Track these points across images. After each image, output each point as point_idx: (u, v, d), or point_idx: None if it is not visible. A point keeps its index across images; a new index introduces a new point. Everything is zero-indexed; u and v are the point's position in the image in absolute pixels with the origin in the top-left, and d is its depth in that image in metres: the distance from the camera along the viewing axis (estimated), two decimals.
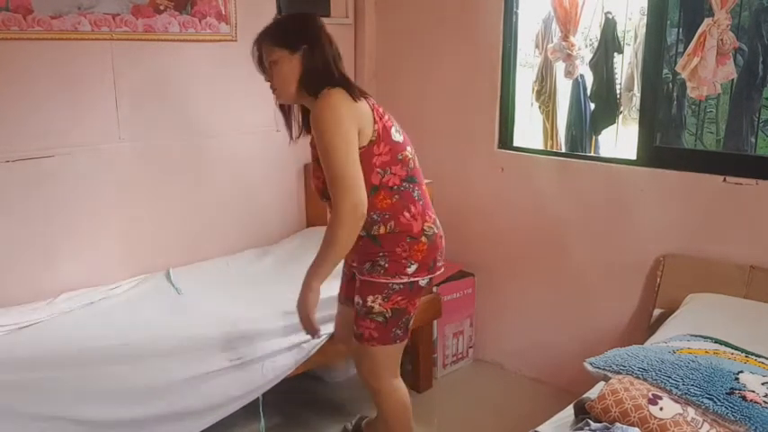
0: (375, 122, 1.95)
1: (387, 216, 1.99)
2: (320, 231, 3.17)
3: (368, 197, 1.91)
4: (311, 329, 2.02)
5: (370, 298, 2.04)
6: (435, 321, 3.04)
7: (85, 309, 2.39)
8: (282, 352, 2.36)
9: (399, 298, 2.04)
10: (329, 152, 1.87)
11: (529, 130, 4.43)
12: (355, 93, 1.94)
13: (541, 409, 2.07)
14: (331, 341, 2.52)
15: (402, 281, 2.02)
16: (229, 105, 2.98)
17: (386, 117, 2.02)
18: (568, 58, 3.16)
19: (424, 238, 2.02)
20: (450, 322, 3.17)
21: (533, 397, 2.98)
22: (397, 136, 2.02)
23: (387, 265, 2.01)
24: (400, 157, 2.00)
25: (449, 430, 2.80)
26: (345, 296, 2.29)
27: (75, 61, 2.47)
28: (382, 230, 2.00)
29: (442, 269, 2.14)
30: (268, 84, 2.05)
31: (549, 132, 4.30)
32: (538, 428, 1.70)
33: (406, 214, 2.00)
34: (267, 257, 2.97)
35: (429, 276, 2.08)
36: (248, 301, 2.48)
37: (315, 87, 1.94)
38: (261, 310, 2.42)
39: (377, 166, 1.96)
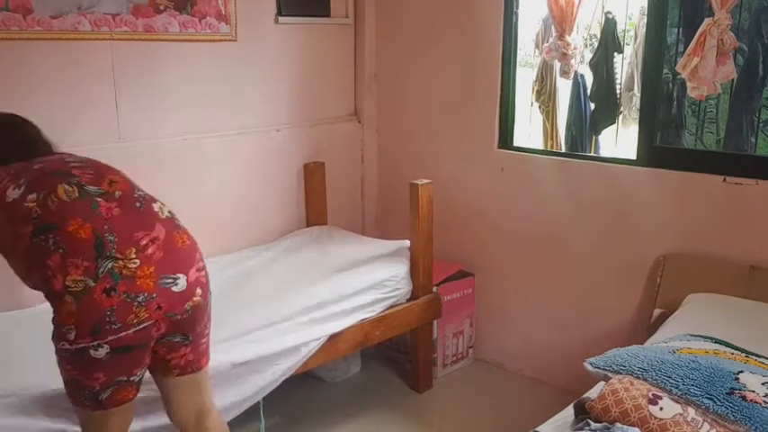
0: None
1: (38, 282, 1.65)
2: (318, 231, 3.21)
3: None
4: None
5: None
6: (435, 321, 3.04)
7: None
8: (282, 355, 2.36)
9: (69, 367, 1.64)
10: None
11: (529, 129, 4.44)
12: None
13: (541, 409, 2.07)
14: (330, 342, 2.53)
15: (65, 347, 1.60)
16: (229, 105, 2.98)
17: (8, 178, 1.69)
18: (564, 57, 3.16)
19: (68, 298, 1.57)
20: (450, 322, 3.17)
21: (533, 397, 2.98)
22: (13, 192, 1.66)
23: (53, 329, 1.63)
24: (21, 215, 1.63)
25: (449, 430, 2.80)
26: None
27: (75, 61, 2.47)
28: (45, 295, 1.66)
29: (131, 331, 1.60)
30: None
31: (549, 132, 4.30)
32: (538, 428, 1.70)
33: (48, 272, 1.60)
34: (267, 257, 2.96)
35: (101, 343, 1.58)
36: (247, 302, 2.48)
37: None
38: (260, 310, 2.41)
39: (12, 244, 1.67)
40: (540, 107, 4.27)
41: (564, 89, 4.29)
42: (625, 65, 4.53)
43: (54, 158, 1.79)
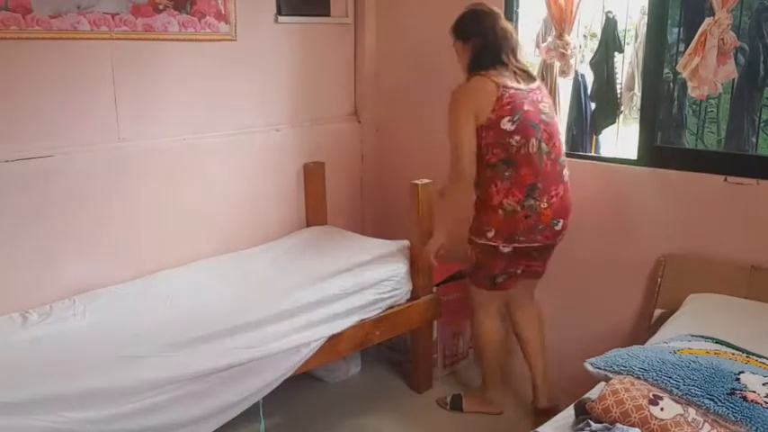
0: (494, 111, 2.42)
1: (479, 185, 2.52)
2: (318, 231, 3.21)
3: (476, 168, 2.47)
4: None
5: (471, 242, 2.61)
6: (435, 321, 3.03)
7: (76, 314, 2.36)
8: (282, 355, 2.36)
9: (478, 252, 2.58)
10: (453, 132, 2.50)
11: None
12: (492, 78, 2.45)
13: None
14: (330, 342, 2.53)
15: (480, 241, 2.54)
16: (229, 105, 2.98)
17: (509, 107, 2.42)
18: (562, 57, 3.13)
19: (500, 211, 2.47)
20: (450, 322, 3.16)
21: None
22: (508, 125, 2.42)
23: (473, 224, 2.57)
24: (502, 142, 2.44)
25: (449, 430, 2.80)
26: None
27: (75, 61, 2.47)
28: (476, 195, 2.55)
29: (528, 245, 2.51)
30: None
31: None
32: (538, 429, 1.70)
33: (492, 188, 2.47)
34: (266, 257, 2.96)
35: (510, 246, 2.50)
36: (247, 302, 2.48)
37: (469, 72, 2.55)
38: (260, 311, 2.41)
39: (481, 146, 2.46)
40: None
41: (564, 89, 4.28)
42: (626, 64, 4.52)
43: (533, 101, 2.49)
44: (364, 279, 2.69)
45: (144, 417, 2.04)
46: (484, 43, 2.49)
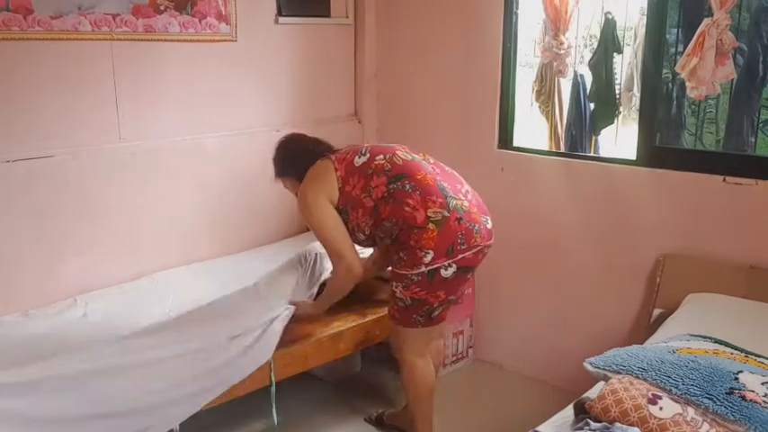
0: (336, 170, 2.23)
1: (393, 219, 2.16)
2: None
3: (373, 216, 2.19)
4: None
5: (394, 284, 2.23)
6: None
7: (77, 314, 2.37)
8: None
9: (417, 289, 2.17)
10: (319, 231, 2.24)
11: (529, 129, 4.43)
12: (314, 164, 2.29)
13: (541, 409, 2.07)
14: (330, 341, 2.53)
15: (419, 271, 2.13)
16: (229, 105, 2.98)
17: (344, 155, 2.27)
18: (557, 56, 3.13)
19: (431, 225, 2.11)
20: (450, 322, 3.16)
21: (533, 397, 2.98)
22: (359, 159, 2.23)
23: (405, 258, 2.16)
24: (370, 172, 2.20)
25: (449, 430, 2.80)
26: None
27: (76, 61, 2.47)
28: (396, 230, 2.17)
29: (471, 252, 2.15)
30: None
31: (549, 132, 4.30)
32: (538, 428, 1.70)
33: (407, 209, 2.13)
34: (267, 259, 2.96)
35: (450, 262, 2.12)
36: (246, 303, 2.47)
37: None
38: (261, 311, 2.40)
39: (360, 196, 2.19)
40: (540, 107, 4.27)
41: (563, 89, 4.28)
42: (625, 65, 4.53)
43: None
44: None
45: (143, 416, 2.04)
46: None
